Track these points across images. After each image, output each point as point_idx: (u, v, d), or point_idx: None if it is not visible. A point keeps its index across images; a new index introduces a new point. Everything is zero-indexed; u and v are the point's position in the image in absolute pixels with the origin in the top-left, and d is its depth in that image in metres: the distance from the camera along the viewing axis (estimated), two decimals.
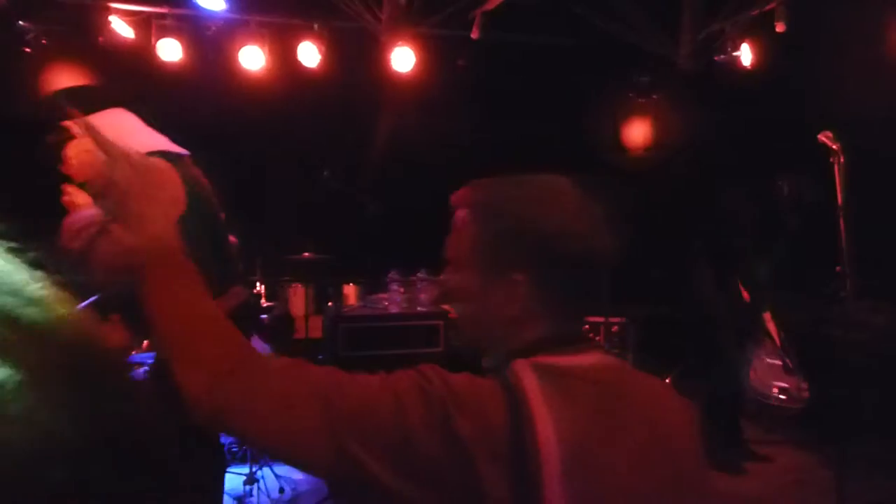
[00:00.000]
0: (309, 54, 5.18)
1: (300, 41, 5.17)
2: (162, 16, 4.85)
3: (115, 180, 0.97)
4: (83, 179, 1.97)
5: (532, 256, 1.01)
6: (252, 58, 5.11)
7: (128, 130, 2.13)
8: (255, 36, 5.09)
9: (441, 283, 1.13)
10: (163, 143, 2.24)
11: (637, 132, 6.45)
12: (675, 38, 5.52)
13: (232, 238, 2.56)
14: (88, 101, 2.19)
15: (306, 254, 4.83)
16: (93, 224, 1.93)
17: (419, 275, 4.45)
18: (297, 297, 5.29)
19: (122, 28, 4.82)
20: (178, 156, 2.21)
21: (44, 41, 4.67)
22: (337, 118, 5.41)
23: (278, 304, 5.10)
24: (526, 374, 0.94)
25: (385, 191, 4.78)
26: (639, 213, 4.66)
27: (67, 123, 2.02)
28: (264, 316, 4.55)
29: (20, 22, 4.54)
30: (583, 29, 5.35)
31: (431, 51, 5.36)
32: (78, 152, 1.98)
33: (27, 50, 4.68)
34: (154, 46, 4.85)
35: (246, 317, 3.26)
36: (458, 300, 1.10)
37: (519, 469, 0.87)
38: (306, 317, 4.66)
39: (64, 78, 5.09)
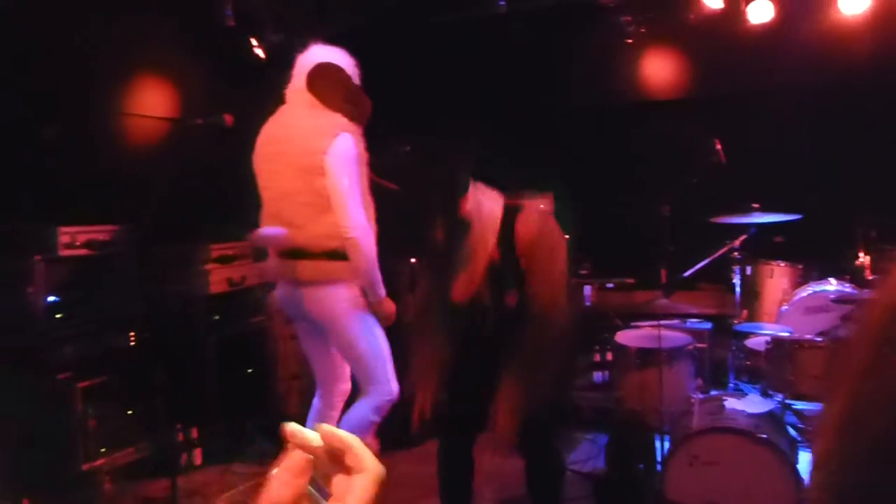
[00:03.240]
0: None
1: None
2: None
3: None
4: None
5: None
6: (853, 1, 4.57)
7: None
8: None
9: None
10: None
11: None
12: None
13: None
14: None
15: None
16: None
17: None
18: None
19: (712, 1, 4.90)
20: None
21: (642, 29, 5.10)
22: None
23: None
24: None
25: None
26: None
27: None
28: None
29: (622, 17, 5.04)
30: None
31: None
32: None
33: (628, 41, 5.18)
34: (744, 11, 4.80)
35: None
36: None
37: None
38: None
39: (660, 60, 5.49)
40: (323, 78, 2.89)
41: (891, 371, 0.29)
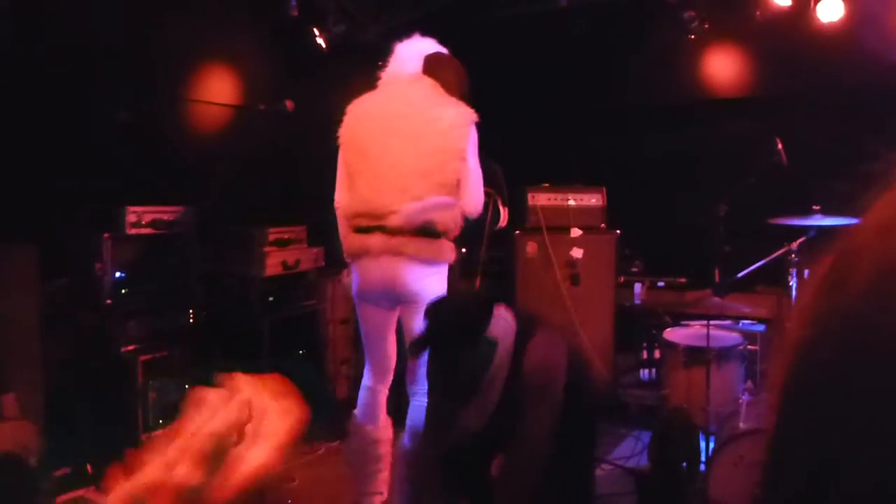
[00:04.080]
0: None
1: None
2: None
3: None
4: None
5: None
6: None
7: None
8: None
9: None
10: None
11: None
12: None
13: None
14: None
15: None
16: None
17: None
18: None
19: None
20: None
21: (706, 25, 5.01)
22: None
23: None
24: None
25: None
26: None
27: None
28: None
29: (685, 13, 4.97)
30: None
31: None
32: None
33: (691, 37, 5.10)
34: (813, 10, 4.67)
35: None
36: None
37: None
38: None
39: (723, 57, 5.39)
40: (447, 68, 3.01)
41: (820, 320, 0.32)
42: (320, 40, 4.90)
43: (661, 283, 5.31)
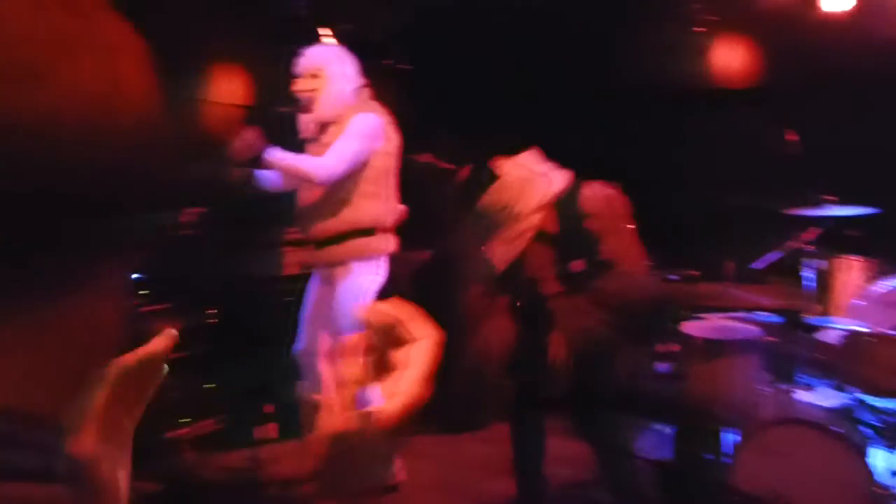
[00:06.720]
0: None
1: None
2: None
3: None
4: None
5: None
6: None
7: None
8: None
9: None
10: None
11: None
12: None
13: None
14: None
15: None
16: None
17: None
18: None
19: None
20: None
21: (713, 18, 5.05)
22: None
23: None
24: None
25: None
26: None
27: None
28: None
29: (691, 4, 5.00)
30: None
31: None
32: None
33: (701, 29, 5.14)
34: None
35: None
36: None
37: None
38: None
39: (733, 48, 5.43)
40: None
41: None
42: None
43: (673, 276, 5.32)
